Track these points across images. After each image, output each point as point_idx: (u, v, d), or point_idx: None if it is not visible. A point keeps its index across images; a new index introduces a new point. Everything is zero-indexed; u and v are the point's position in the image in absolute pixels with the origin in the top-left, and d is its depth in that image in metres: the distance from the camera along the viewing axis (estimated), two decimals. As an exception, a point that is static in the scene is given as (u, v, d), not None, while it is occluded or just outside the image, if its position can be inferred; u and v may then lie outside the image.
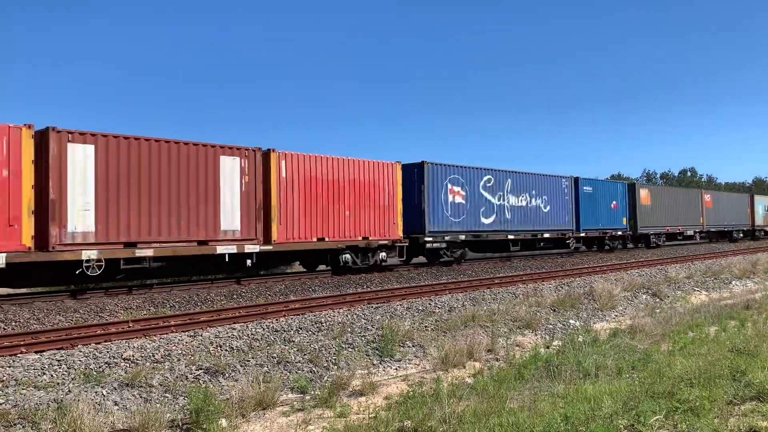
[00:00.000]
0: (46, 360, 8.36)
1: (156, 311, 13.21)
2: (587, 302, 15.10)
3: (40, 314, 12.42)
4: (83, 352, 8.82)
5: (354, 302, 13.64)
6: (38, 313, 12.52)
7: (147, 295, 15.02)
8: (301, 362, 9.28)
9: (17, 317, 12.05)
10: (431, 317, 12.32)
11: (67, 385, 7.53)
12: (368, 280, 18.85)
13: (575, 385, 7.76)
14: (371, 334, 10.77)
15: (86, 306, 13.33)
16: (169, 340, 9.58)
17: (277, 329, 10.71)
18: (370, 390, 8.34)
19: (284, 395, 8.12)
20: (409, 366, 9.87)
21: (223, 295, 15.47)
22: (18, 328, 11.24)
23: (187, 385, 7.96)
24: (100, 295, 14.81)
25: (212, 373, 8.41)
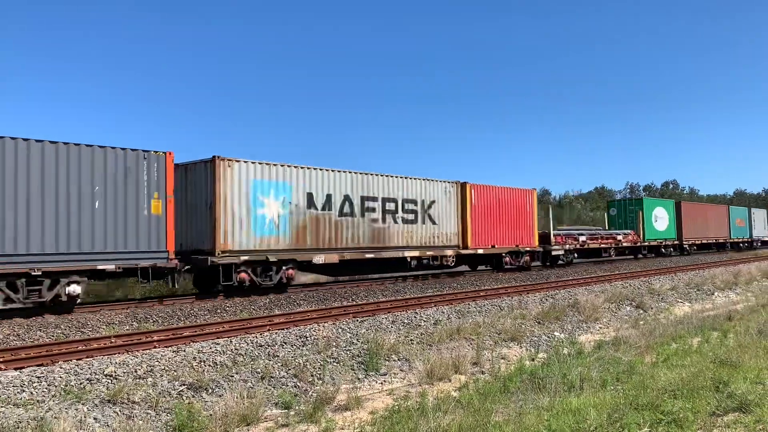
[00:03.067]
0: (26, 377, 8.22)
1: (139, 326, 13.07)
2: (572, 314, 15.15)
3: (21, 330, 12.24)
4: (64, 368, 8.68)
5: (339, 316, 13.59)
6: (18, 329, 12.34)
7: (130, 310, 14.86)
8: (286, 377, 9.21)
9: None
10: (417, 330, 12.30)
11: (47, 403, 7.41)
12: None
13: (560, 397, 7.77)
14: (357, 348, 10.72)
15: (68, 322, 13.16)
16: (151, 356, 9.46)
17: (262, 344, 10.63)
18: (356, 404, 8.28)
19: (268, 411, 8.04)
20: (395, 380, 9.83)
21: (207, 310, 15.35)
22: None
23: (171, 402, 7.86)
24: (83, 310, 14.62)
25: (195, 389, 8.32)
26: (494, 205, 26.90)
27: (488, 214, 26.46)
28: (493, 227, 26.59)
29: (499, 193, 27.26)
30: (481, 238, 25.95)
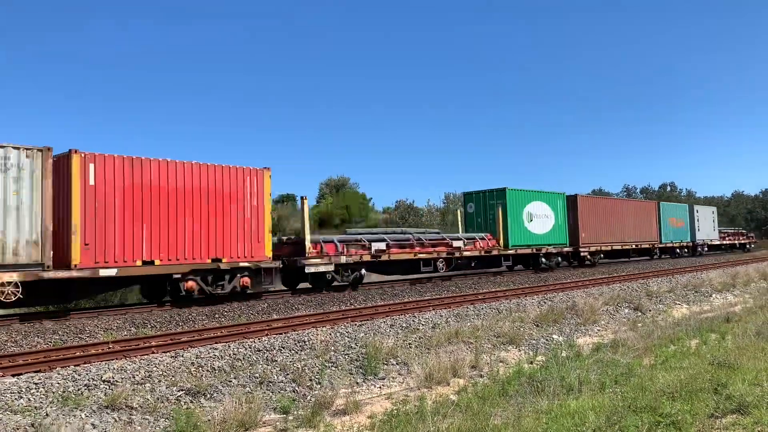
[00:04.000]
0: (23, 383, 8.20)
1: (137, 332, 13.04)
2: (570, 317, 15.16)
3: (18, 336, 12.21)
4: (62, 374, 8.67)
5: (337, 320, 13.58)
6: (16, 335, 12.31)
7: (128, 316, 14.83)
8: (284, 382, 9.19)
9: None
10: (415, 334, 12.29)
11: (45, 409, 7.39)
12: (353, 298, 18.80)
13: (559, 400, 7.77)
14: (355, 353, 10.71)
15: (65, 327, 13.13)
16: (149, 361, 9.44)
17: (260, 349, 10.62)
18: (354, 409, 8.27)
19: (267, 416, 8.03)
20: (393, 384, 9.82)
21: (205, 315, 15.33)
22: (-5, 351, 11.04)
23: (169, 407, 7.85)
24: (80, 316, 14.59)
25: (194, 394, 8.31)
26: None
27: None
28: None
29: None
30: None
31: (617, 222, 35.99)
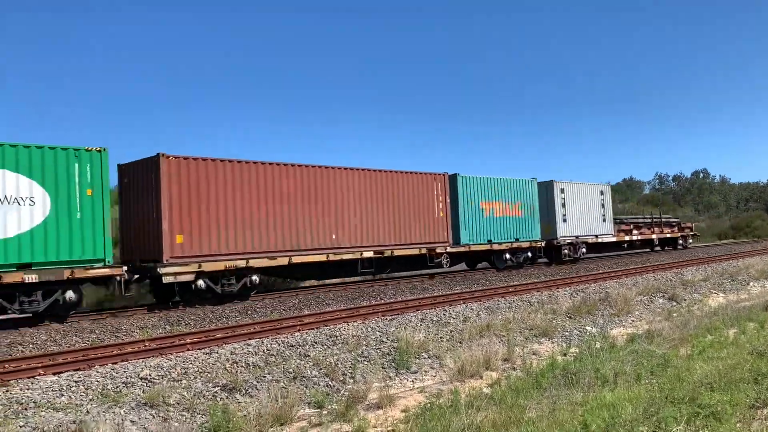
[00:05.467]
0: (64, 381, 8.40)
1: (172, 329, 13.25)
2: (603, 308, 14.98)
3: (57, 336, 12.49)
4: (100, 372, 8.86)
5: (368, 315, 13.62)
6: (55, 334, 12.59)
7: (162, 314, 15.07)
8: (318, 377, 9.26)
9: (34, 339, 12.13)
10: (446, 328, 12.27)
11: (86, 406, 7.56)
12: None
13: (594, 392, 7.68)
14: (386, 347, 10.73)
15: (102, 326, 13.39)
16: (185, 358, 9.60)
17: (293, 344, 10.71)
18: (388, 403, 8.29)
19: (301, 410, 8.09)
20: (426, 377, 9.82)
21: (237, 311, 15.50)
22: (35, 350, 11.31)
23: (205, 403, 7.96)
24: (116, 315, 14.87)
25: (229, 390, 8.41)
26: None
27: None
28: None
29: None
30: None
31: (339, 211, 19.94)
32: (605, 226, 32.23)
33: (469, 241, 24.24)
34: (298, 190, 18.81)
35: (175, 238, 15.71)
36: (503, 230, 25.74)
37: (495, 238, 25.34)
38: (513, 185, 26.53)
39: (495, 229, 25.39)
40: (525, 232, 26.84)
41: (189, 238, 16.03)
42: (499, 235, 25.49)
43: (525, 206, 26.91)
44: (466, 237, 24.10)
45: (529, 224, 27.05)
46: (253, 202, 17.61)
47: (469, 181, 24.50)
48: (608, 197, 32.91)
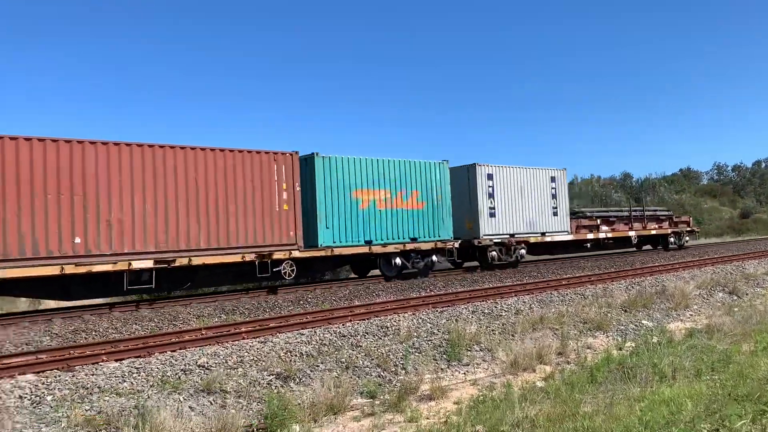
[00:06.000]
0: (126, 368, 8.69)
1: (227, 318, 13.56)
2: (660, 301, 14.61)
3: (118, 323, 12.94)
4: (160, 359, 9.13)
5: (418, 306, 13.63)
6: (116, 322, 13.04)
7: (218, 303, 15.42)
8: (369, 367, 9.32)
9: (97, 327, 12.59)
10: (498, 320, 12.18)
11: (147, 392, 7.81)
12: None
13: (652, 387, 7.53)
14: (437, 339, 10.73)
15: (161, 315, 13.80)
16: (240, 347, 9.81)
17: (344, 334, 10.82)
18: (440, 394, 8.31)
19: (354, 400, 8.18)
20: (478, 370, 9.78)
21: (290, 301, 15.73)
22: (98, 337, 11.75)
23: (261, 391, 8.13)
24: (174, 303, 15.29)
25: (283, 379, 8.56)
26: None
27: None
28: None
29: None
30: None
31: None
32: (558, 221, 25.68)
33: (334, 242, 18.43)
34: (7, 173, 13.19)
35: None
36: (392, 227, 19.82)
37: (378, 238, 19.42)
38: (408, 169, 20.49)
39: (378, 226, 19.47)
40: (428, 229, 20.79)
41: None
42: (384, 233, 19.57)
43: (428, 196, 20.88)
44: (327, 237, 18.33)
45: (434, 219, 20.98)
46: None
47: (335, 164, 18.66)
48: (562, 185, 26.10)
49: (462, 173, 23.00)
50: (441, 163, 21.53)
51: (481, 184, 22.95)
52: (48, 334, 11.85)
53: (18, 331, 11.97)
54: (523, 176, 24.58)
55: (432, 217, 20.97)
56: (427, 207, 20.84)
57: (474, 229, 22.74)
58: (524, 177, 24.61)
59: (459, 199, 22.64)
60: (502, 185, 23.65)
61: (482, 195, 22.92)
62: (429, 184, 20.96)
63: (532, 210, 24.67)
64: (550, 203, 25.47)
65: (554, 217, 25.53)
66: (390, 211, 19.84)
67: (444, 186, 21.45)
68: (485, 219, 22.91)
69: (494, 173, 23.45)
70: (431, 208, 20.95)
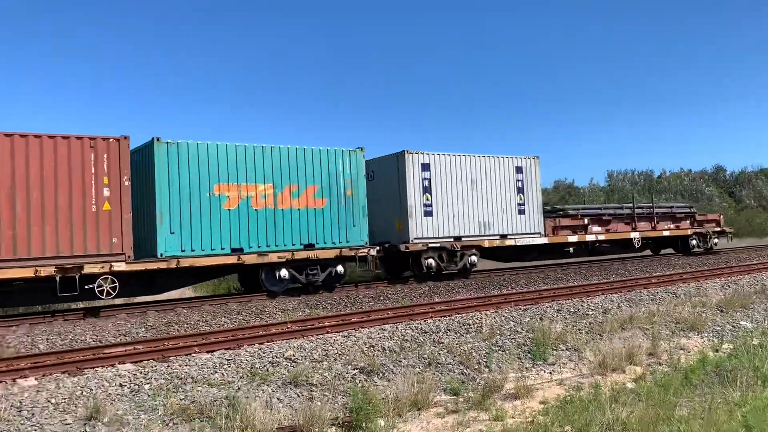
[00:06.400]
0: (217, 359, 9.02)
1: (310, 312, 13.84)
2: (759, 301, 13.80)
3: (208, 316, 13.44)
4: (249, 351, 9.42)
5: (500, 304, 13.44)
6: (206, 315, 13.56)
7: (302, 298, 15.76)
8: (452, 364, 9.28)
9: (188, 319, 13.12)
10: (584, 319, 11.85)
11: (237, 383, 8.08)
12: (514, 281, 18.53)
13: (753, 392, 7.12)
14: (521, 337, 10.55)
15: (248, 308, 14.24)
16: (325, 341, 9.98)
17: (426, 330, 10.81)
18: (525, 393, 8.17)
19: (437, 396, 8.17)
20: (564, 370, 9.55)
21: (370, 297, 15.88)
22: (189, 330, 12.25)
23: (345, 385, 8.24)
24: (260, 298, 15.74)
25: (367, 373, 8.65)
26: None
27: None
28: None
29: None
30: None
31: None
32: (525, 220, 20.71)
33: (182, 250, 14.51)
34: None
35: None
36: (275, 232, 15.82)
37: (253, 245, 15.42)
38: (301, 159, 16.38)
39: (253, 231, 15.50)
40: (331, 232, 16.67)
41: None
42: (263, 239, 15.60)
43: (332, 192, 16.79)
44: (172, 245, 14.42)
45: (340, 221, 16.85)
46: None
47: (187, 152, 14.77)
48: (533, 177, 21.11)
49: (390, 164, 19.01)
50: (352, 151, 17.30)
51: (413, 176, 18.52)
52: (143, 326, 12.46)
53: (116, 323, 12.65)
54: (475, 166, 19.86)
55: (337, 217, 16.79)
56: (331, 205, 16.69)
57: (404, 231, 18.42)
58: (477, 167, 19.89)
59: (388, 195, 18.90)
60: (444, 177, 19.15)
61: (414, 189, 18.51)
62: (333, 177, 16.78)
63: (487, 207, 19.90)
64: (515, 199, 20.56)
65: (520, 216, 20.64)
66: (273, 212, 15.76)
67: (357, 179, 17.22)
68: (418, 218, 18.45)
69: (432, 163, 18.97)
70: (336, 206, 16.79)
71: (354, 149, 17.41)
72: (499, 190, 20.21)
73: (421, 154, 18.80)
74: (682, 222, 26.59)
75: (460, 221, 19.27)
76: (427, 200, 18.70)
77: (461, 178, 19.45)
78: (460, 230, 19.23)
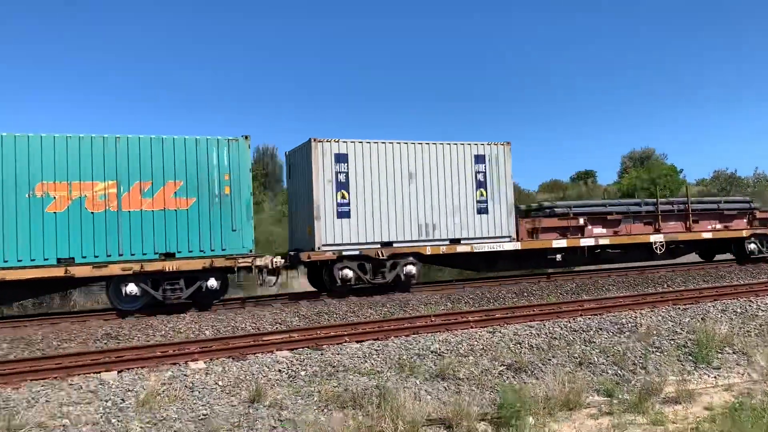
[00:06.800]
0: (366, 349, 9.30)
1: (453, 307, 13.87)
2: None
3: (355, 307, 13.89)
4: (396, 343, 9.62)
5: (656, 303, 12.66)
6: (354, 306, 14.01)
7: (444, 292, 15.83)
8: (605, 364, 8.91)
9: (337, 310, 13.64)
10: (753, 321, 10.88)
11: (386, 374, 8.29)
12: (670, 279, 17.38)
13: None
14: (681, 338, 9.89)
15: (392, 301, 14.53)
16: (470, 335, 9.96)
17: (575, 329, 10.44)
18: (687, 398, 7.67)
19: (590, 397, 7.88)
20: (731, 375, 8.83)
21: (513, 293, 15.61)
22: (338, 320, 12.73)
23: (492, 381, 8.18)
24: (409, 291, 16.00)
25: (515, 370, 8.53)
26: None
27: None
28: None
29: None
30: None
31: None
32: (488, 221, 16.78)
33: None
34: None
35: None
36: (119, 238, 13.19)
37: (90, 254, 12.96)
38: (156, 150, 13.70)
39: (88, 237, 12.98)
40: (199, 239, 13.81)
41: None
42: (101, 247, 13.06)
43: (202, 190, 13.94)
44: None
45: (212, 225, 13.96)
46: None
47: (1, 147, 12.65)
48: (499, 167, 17.09)
49: (303, 155, 15.95)
50: (232, 139, 14.30)
51: (323, 170, 15.24)
52: (297, 315, 13.13)
53: (273, 312, 13.43)
54: (415, 156, 16.24)
55: (208, 220, 13.91)
56: (199, 206, 13.88)
57: (312, 236, 15.30)
58: (417, 157, 16.26)
59: (302, 193, 16.11)
60: (368, 170, 15.73)
61: (323, 185, 15.24)
62: (204, 172, 13.99)
63: (431, 206, 16.23)
64: (473, 195, 16.69)
65: (480, 215, 16.71)
66: (116, 214, 13.23)
67: (240, 174, 14.29)
68: (329, 221, 15.21)
69: (351, 153, 15.60)
70: (208, 207, 13.95)
71: (235, 137, 14.33)
72: (450, 184, 16.44)
73: (334, 142, 15.40)
74: (734, 221, 20.42)
75: (392, 223, 15.76)
76: (343, 198, 15.37)
77: (394, 171, 15.92)
78: (391, 234, 15.74)
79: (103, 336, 11.36)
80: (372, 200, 15.60)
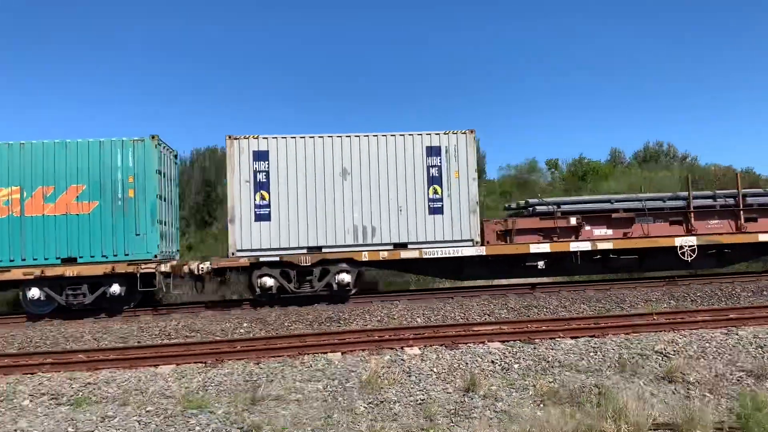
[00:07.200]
0: (582, 346, 8.94)
1: (676, 305, 12.80)
2: None
3: (566, 302, 13.42)
4: (614, 341, 9.12)
5: None
6: (564, 301, 13.55)
7: (665, 288, 14.67)
8: None
9: (547, 304, 13.27)
10: None
11: (605, 372, 7.89)
12: None
13: None
14: None
15: (607, 296, 13.80)
16: (700, 336, 9.12)
17: (832, 334, 9.06)
18: None
19: None
20: None
21: (751, 291, 13.96)
22: (548, 314, 12.40)
23: (728, 387, 7.41)
24: (620, 286, 15.11)
25: (756, 377, 7.63)
26: None
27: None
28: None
29: None
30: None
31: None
32: (445, 222, 14.56)
33: None
34: None
35: None
36: (21, 243, 13.49)
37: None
38: (59, 154, 13.70)
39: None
40: (101, 244, 13.63)
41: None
42: (5, 252, 13.47)
43: (105, 193, 13.71)
44: None
45: (115, 229, 13.70)
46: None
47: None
48: (459, 160, 14.73)
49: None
50: (137, 140, 13.95)
51: (239, 169, 14.17)
52: (505, 307, 13.02)
53: (480, 303, 13.46)
54: (350, 150, 14.57)
55: (111, 224, 13.71)
56: (102, 210, 13.71)
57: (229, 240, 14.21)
58: (353, 152, 14.58)
59: (227, 194, 14.84)
60: (292, 168, 14.33)
61: (239, 185, 14.18)
62: (107, 175, 13.76)
63: (369, 206, 14.46)
64: (424, 193, 14.58)
65: (434, 216, 14.57)
66: (18, 220, 13.48)
67: (145, 176, 13.86)
68: (245, 224, 14.08)
69: (273, 150, 14.31)
70: (110, 210, 13.75)
71: (141, 138, 13.99)
72: (394, 181, 14.56)
73: (253, 138, 14.31)
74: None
75: (320, 227, 14.29)
76: (263, 199, 14.17)
77: (324, 168, 14.41)
78: (320, 239, 14.26)
79: (327, 319, 12.27)
80: (297, 201, 14.31)
